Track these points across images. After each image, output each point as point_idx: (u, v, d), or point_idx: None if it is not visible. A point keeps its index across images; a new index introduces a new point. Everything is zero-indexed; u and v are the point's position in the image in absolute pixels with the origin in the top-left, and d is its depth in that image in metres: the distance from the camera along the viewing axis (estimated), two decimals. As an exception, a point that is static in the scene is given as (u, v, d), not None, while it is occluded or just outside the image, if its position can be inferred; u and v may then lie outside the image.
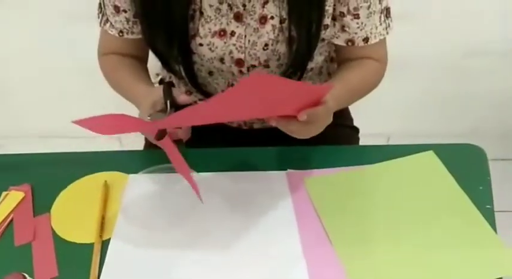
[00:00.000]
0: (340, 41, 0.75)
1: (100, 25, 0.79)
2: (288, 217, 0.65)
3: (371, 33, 0.74)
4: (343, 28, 0.74)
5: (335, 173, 0.70)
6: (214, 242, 0.62)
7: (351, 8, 0.71)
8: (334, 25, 0.74)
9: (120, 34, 0.77)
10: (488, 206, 0.64)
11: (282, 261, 0.59)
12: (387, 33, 0.76)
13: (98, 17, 0.79)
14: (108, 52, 0.82)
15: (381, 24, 0.74)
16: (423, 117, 1.44)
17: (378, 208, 0.65)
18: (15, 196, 0.69)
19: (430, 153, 0.73)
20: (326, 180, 0.69)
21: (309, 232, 0.62)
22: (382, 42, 0.77)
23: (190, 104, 0.65)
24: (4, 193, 0.70)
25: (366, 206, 0.66)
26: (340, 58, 0.81)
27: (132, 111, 0.81)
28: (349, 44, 0.75)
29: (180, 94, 0.67)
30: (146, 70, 0.84)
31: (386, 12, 0.75)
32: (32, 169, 0.74)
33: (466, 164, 0.71)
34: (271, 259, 0.60)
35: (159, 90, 0.67)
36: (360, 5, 0.71)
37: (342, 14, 0.72)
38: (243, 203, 0.66)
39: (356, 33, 0.74)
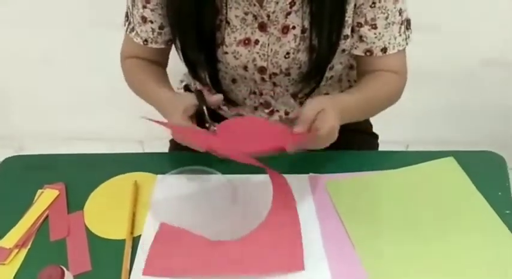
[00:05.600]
0: (359, 51, 0.77)
1: (126, 32, 0.82)
2: (310, 218, 0.66)
3: (389, 43, 0.75)
4: (361, 38, 0.75)
5: (356, 177, 0.72)
6: (238, 242, 0.63)
7: (368, 19, 0.73)
8: (353, 36, 0.76)
9: (145, 42, 0.80)
10: (507, 212, 0.65)
11: (304, 261, 0.61)
12: (406, 44, 0.77)
13: (124, 25, 0.82)
14: (131, 56, 0.84)
15: (400, 35, 0.75)
16: (441, 125, 1.44)
17: (398, 212, 0.67)
18: (50, 194, 0.72)
19: (450, 159, 0.74)
20: (347, 184, 0.71)
21: (331, 233, 0.64)
22: (401, 54, 0.78)
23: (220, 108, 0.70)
24: (39, 191, 0.73)
25: (386, 210, 0.67)
26: (360, 71, 0.82)
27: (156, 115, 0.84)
28: (368, 53, 0.76)
29: (211, 96, 0.70)
30: (167, 76, 0.86)
31: (407, 23, 0.76)
32: (65, 168, 0.77)
33: (485, 171, 0.72)
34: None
35: (188, 96, 0.70)
36: (377, 15, 0.72)
37: (359, 25, 0.74)
38: (268, 205, 0.68)
39: (374, 43, 0.75)
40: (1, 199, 0.73)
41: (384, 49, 0.75)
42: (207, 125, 0.68)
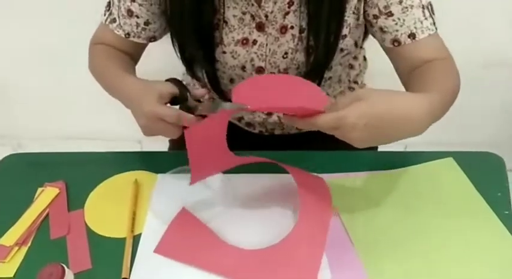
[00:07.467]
0: (387, 43, 0.73)
1: (105, 22, 0.79)
2: (310, 217, 0.67)
3: (415, 28, 0.70)
4: (382, 30, 0.72)
5: (355, 177, 0.72)
6: (237, 241, 0.64)
7: (381, 8, 0.70)
8: (376, 31, 0.73)
9: (127, 36, 0.78)
10: (506, 212, 0.66)
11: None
12: (436, 28, 0.71)
13: (104, 15, 0.79)
14: (104, 44, 0.81)
15: (426, 18, 0.70)
16: (440, 126, 1.43)
17: (398, 212, 0.67)
18: (50, 192, 0.72)
19: (450, 160, 0.74)
20: (347, 184, 0.71)
21: (330, 233, 0.64)
22: (436, 38, 0.71)
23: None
24: (40, 189, 0.73)
25: (386, 210, 0.67)
26: (402, 70, 0.74)
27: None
28: (396, 44, 0.72)
29: (195, 89, 0.69)
30: (135, 69, 0.82)
31: (431, 7, 0.71)
32: (66, 167, 0.77)
33: (484, 172, 0.72)
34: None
35: (164, 83, 0.67)
36: (390, 2, 0.70)
37: (376, 17, 0.71)
38: (266, 204, 0.69)
39: (397, 31, 0.70)
40: (1, 197, 0.74)
41: (412, 35, 0.70)
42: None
